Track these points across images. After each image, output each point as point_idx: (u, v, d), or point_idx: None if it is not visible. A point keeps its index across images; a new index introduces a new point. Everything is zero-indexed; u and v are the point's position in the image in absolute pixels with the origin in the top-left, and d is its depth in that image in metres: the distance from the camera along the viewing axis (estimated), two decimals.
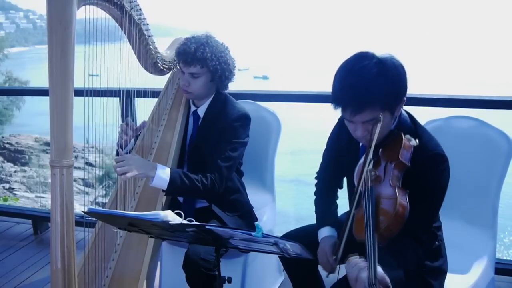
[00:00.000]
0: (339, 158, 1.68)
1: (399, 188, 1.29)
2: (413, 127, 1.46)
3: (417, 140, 1.35)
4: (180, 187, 1.75)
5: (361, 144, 1.54)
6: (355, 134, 1.43)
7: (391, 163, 1.33)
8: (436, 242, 1.55)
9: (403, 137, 1.35)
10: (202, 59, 1.82)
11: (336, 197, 1.77)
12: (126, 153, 1.83)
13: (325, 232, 1.64)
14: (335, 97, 1.39)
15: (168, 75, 2.14)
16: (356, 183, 1.39)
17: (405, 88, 1.38)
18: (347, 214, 1.46)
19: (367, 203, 1.25)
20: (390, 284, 1.12)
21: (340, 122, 1.65)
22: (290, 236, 1.79)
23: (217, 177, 1.81)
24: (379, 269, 1.13)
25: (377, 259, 1.13)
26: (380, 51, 1.40)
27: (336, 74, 1.40)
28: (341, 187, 1.77)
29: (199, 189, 1.78)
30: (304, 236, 1.70)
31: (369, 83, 1.32)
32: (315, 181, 1.81)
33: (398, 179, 1.31)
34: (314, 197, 1.77)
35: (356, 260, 1.20)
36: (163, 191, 1.75)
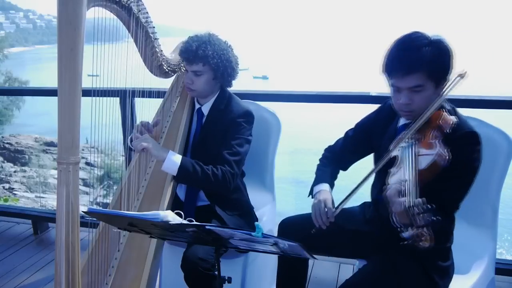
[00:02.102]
0: (365, 140, 1.74)
1: (439, 141, 1.38)
2: (453, 111, 1.53)
3: (456, 119, 1.44)
4: (192, 174, 1.79)
5: (399, 124, 1.61)
6: (398, 103, 1.51)
7: (432, 128, 1.42)
8: (448, 243, 1.58)
9: (443, 110, 1.46)
10: (203, 57, 1.84)
11: (337, 172, 1.82)
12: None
13: (323, 187, 1.69)
14: (386, 63, 1.49)
15: (173, 77, 2.15)
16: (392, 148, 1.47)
17: (451, 66, 1.47)
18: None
19: (410, 152, 1.38)
20: (429, 205, 1.19)
21: (379, 109, 1.75)
22: (288, 221, 1.82)
23: (228, 171, 1.83)
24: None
25: (416, 188, 1.27)
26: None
27: (390, 46, 1.51)
28: (344, 169, 1.82)
29: (210, 179, 1.80)
30: (302, 222, 1.71)
31: (418, 49, 1.43)
32: (324, 151, 1.86)
33: (438, 137, 1.40)
34: (318, 162, 1.83)
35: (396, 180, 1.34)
36: (174, 177, 1.81)
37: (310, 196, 1.73)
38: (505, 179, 1.89)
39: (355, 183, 1.53)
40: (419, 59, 1.42)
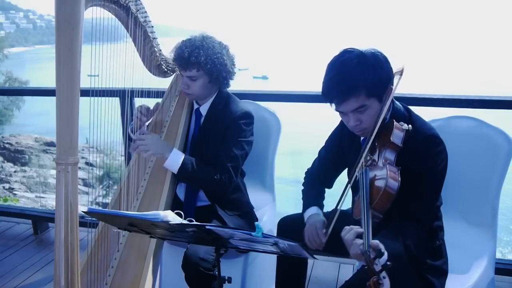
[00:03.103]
0: (339, 156, 1.72)
1: (390, 165, 1.34)
2: (407, 115, 1.50)
3: (410, 126, 1.41)
4: (191, 173, 1.82)
5: (361, 138, 1.58)
6: (349, 126, 1.49)
7: (384, 147, 1.38)
8: (437, 242, 1.56)
9: (394, 122, 1.41)
10: (196, 63, 1.83)
11: (323, 191, 1.81)
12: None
13: (312, 211, 1.69)
14: (322, 91, 1.47)
15: (172, 77, 2.15)
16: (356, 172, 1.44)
17: (387, 76, 1.43)
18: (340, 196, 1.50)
19: (363, 183, 1.32)
20: (381, 248, 1.14)
21: (341, 124, 1.69)
22: (288, 219, 1.82)
23: (226, 178, 1.85)
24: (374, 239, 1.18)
25: (371, 230, 1.18)
26: (367, 46, 1.47)
27: (325, 71, 1.47)
28: (329, 187, 1.81)
29: (208, 182, 1.85)
30: (301, 221, 1.71)
31: (349, 73, 1.39)
32: (304, 175, 1.86)
33: (390, 159, 1.37)
34: (302, 187, 1.83)
35: (352, 226, 1.26)
36: (175, 175, 1.84)
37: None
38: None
39: None
40: (353, 83, 1.38)
